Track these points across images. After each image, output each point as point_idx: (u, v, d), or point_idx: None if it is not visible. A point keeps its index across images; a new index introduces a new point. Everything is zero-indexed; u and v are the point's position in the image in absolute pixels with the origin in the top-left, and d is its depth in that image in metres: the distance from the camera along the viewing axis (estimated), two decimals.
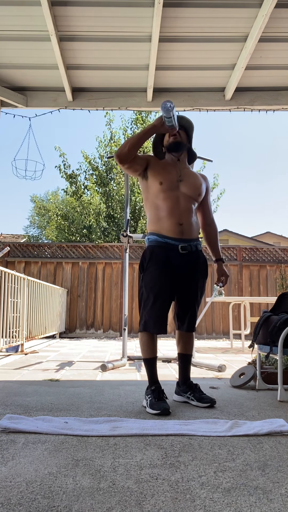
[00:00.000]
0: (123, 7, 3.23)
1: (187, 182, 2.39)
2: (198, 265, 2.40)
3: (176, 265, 2.33)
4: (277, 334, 2.60)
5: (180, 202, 2.34)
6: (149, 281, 2.30)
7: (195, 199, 2.43)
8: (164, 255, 2.31)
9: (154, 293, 2.28)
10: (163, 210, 2.33)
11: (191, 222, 2.37)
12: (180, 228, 2.32)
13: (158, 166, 2.39)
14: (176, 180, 2.37)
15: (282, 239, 24.35)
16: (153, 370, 2.34)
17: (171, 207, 2.32)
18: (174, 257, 2.32)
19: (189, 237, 2.35)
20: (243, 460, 1.48)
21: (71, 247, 9.17)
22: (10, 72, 4.12)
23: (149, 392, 2.25)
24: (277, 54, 3.83)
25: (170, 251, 2.32)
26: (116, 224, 11.95)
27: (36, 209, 26.70)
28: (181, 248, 2.32)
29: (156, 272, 2.29)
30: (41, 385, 2.93)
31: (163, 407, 2.11)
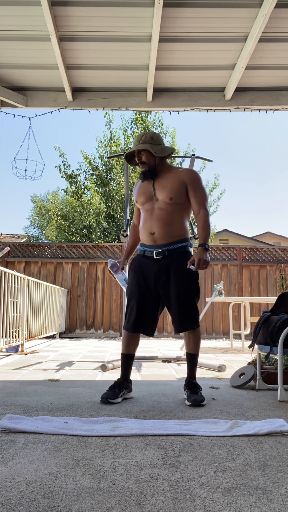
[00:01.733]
0: (123, 7, 3.23)
1: (160, 190, 2.55)
2: (174, 266, 2.49)
3: (154, 270, 2.51)
4: (277, 334, 2.60)
5: (153, 213, 2.53)
6: (128, 287, 2.62)
7: (171, 203, 2.52)
8: (141, 262, 2.57)
9: (128, 297, 2.58)
10: (142, 221, 2.61)
11: (164, 230, 2.50)
12: (152, 237, 2.53)
13: (137, 190, 2.66)
14: (151, 195, 2.57)
15: (282, 239, 24.34)
16: (124, 364, 2.60)
17: (146, 218, 2.57)
18: (151, 263, 2.53)
19: (163, 243, 2.52)
20: (243, 460, 1.48)
21: (71, 247, 9.17)
22: (10, 72, 4.12)
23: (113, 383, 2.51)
24: (277, 54, 3.83)
25: (147, 258, 2.55)
26: (116, 224, 11.95)
27: (36, 209, 26.69)
28: (156, 254, 2.52)
29: (133, 279, 2.58)
30: (41, 385, 2.93)
31: (102, 396, 2.38)
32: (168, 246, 2.50)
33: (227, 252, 9.25)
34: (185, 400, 2.41)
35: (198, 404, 2.33)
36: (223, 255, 9.22)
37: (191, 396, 2.38)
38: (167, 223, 2.50)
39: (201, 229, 2.53)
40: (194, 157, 4.92)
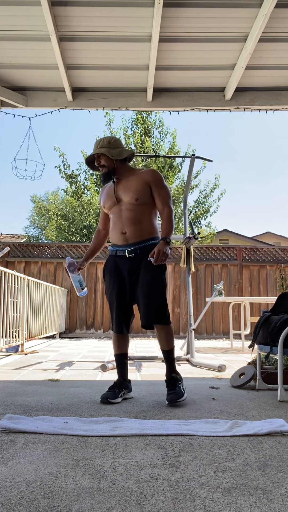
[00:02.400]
0: (123, 7, 3.23)
1: (123, 192, 2.58)
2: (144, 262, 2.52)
3: (126, 269, 2.55)
4: (277, 334, 2.60)
5: (122, 214, 2.57)
6: (106, 288, 2.68)
7: (137, 204, 2.54)
8: (113, 262, 2.62)
9: (108, 298, 2.65)
10: (112, 223, 2.65)
11: (135, 229, 2.54)
12: (123, 236, 2.56)
13: (103, 195, 2.72)
14: (114, 198, 2.60)
15: (282, 239, 24.34)
16: (118, 364, 2.62)
17: (115, 220, 2.60)
18: (123, 262, 2.57)
19: (134, 241, 2.55)
20: (243, 460, 1.48)
21: (71, 247, 9.17)
22: (10, 72, 4.12)
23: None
24: (277, 54, 3.83)
25: (120, 258, 2.59)
26: None
27: (36, 209, 26.69)
28: (128, 252, 2.56)
29: (107, 280, 2.64)
30: (41, 385, 2.93)
31: (102, 396, 2.38)
32: (139, 244, 2.53)
33: (227, 252, 9.25)
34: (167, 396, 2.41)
35: (173, 403, 2.31)
36: (223, 255, 9.22)
37: (169, 394, 2.37)
38: (137, 222, 2.54)
39: (165, 225, 2.56)
40: (194, 157, 4.92)
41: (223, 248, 9.33)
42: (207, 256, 9.20)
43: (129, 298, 2.57)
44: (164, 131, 12.50)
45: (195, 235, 4.44)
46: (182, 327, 8.76)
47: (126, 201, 2.56)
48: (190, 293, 4.89)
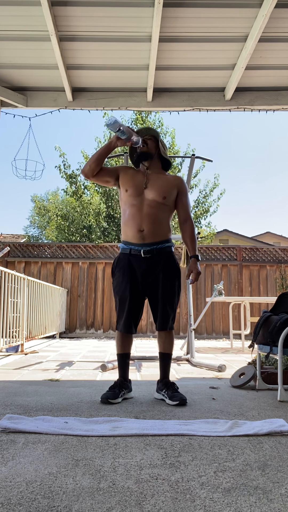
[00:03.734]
0: (123, 7, 3.23)
1: (152, 187, 2.52)
2: (162, 266, 2.50)
3: (141, 269, 2.49)
4: (277, 334, 2.60)
5: (143, 208, 2.49)
6: (115, 286, 2.57)
7: (162, 203, 2.52)
8: (127, 261, 2.51)
9: (119, 297, 2.54)
10: (128, 217, 2.53)
11: (154, 227, 2.49)
12: (141, 234, 2.48)
13: (127, 175, 2.58)
14: (142, 187, 2.51)
15: (282, 239, 24.34)
16: (121, 364, 2.59)
17: (134, 214, 2.50)
18: (138, 261, 2.49)
19: (151, 241, 2.49)
20: (243, 460, 1.48)
21: (71, 247, 9.17)
22: (10, 72, 4.12)
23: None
24: (277, 54, 3.83)
25: (134, 257, 2.50)
26: (116, 224, 11.95)
27: (36, 209, 26.66)
28: (144, 253, 2.48)
29: (120, 278, 2.53)
30: (41, 385, 2.93)
31: (102, 396, 2.37)
32: (156, 245, 2.50)
33: (227, 252, 9.25)
34: (166, 399, 2.41)
35: (184, 403, 2.34)
36: (223, 255, 9.22)
37: (176, 395, 2.38)
38: (157, 221, 2.51)
39: (191, 240, 2.59)
40: (194, 157, 4.92)
41: (223, 248, 9.33)
42: (207, 256, 9.20)
43: (141, 298, 2.55)
44: (164, 131, 12.50)
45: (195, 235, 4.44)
46: (182, 327, 8.76)
47: (151, 198, 2.50)
48: (190, 293, 4.89)
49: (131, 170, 2.65)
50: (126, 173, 2.60)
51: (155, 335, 8.70)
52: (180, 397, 2.35)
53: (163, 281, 2.49)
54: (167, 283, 2.51)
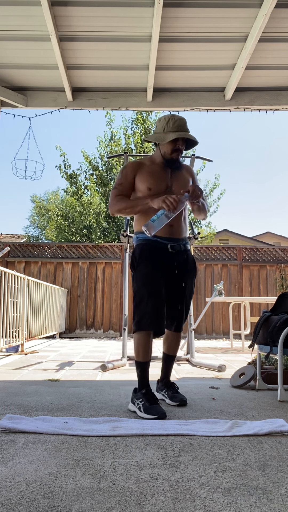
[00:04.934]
0: (123, 7, 3.23)
1: (176, 184, 2.40)
2: (187, 264, 2.43)
3: (166, 264, 2.33)
4: (277, 334, 2.60)
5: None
6: (141, 278, 2.30)
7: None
8: (154, 253, 2.32)
9: (147, 290, 2.26)
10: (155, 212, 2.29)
11: (181, 224, 2.41)
12: (170, 229, 2.35)
13: (144, 173, 2.38)
14: (165, 183, 2.38)
15: (282, 239, 24.34)
16: (146, 373, 2.29)
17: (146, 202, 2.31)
18: (164, 255, 2.34)
19: (178, 237, 2.39)
20: (243, 460, 1.48)
21: (71, 247, 9.17)
22: (10, 72, 4.12)
23: (140, 396, 2.17)
24: (277, 54, 3.83)
25: (160, 250, 2.33)
26: (116, 224, 11.95)
27: (36, 209, 26.68)
28: (171, 247, 2.34)
29: (148, 269, 2.29)
30: (41, 385, 2.93)
31: (161, 412, 2.06)
32: (181, 242, 2.39)
33: (227, 252, 9.25)
34: (166, 399, 2.41)
35: (184, 404, 2.33)
36: (223, 255, 9.22)
37: (177, 395, 2.36)
38: (183, 218, 2.43)
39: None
40: (194, 157, 4.92)
41: (223, 248, 9.33)
42: (207, 256, 9.20)
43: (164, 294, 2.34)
44: None
45: (195, 235, 4.44)
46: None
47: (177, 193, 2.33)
48: None
49: (145, 165, 2.41)
50: (141, 171, 2.38)
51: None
52: (180, 398, 2.34)
53: (186, 280, 2.41)
54: (190, 282, 2.43)
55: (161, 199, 2.18)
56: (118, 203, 2.35)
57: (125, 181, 2.39)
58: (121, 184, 2.39)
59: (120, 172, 2.43)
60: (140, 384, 2.26)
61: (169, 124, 2.33)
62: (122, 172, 2.42)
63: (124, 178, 2.39)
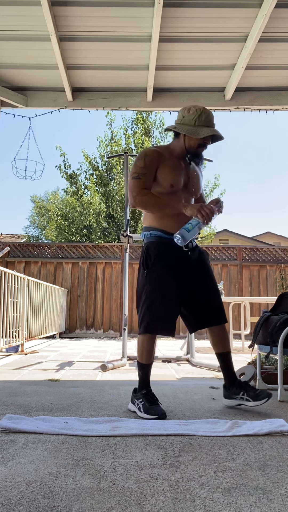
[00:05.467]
0: (123, 7, 3.23)
1: (191, 184, 2.36)
2: (203, 256, 2.36)
3: (183, 262, 2.26)
4: (277, 334, 2.60)
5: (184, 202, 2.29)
6: (155, 279, 2.20)
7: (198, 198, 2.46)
8: (170, 252, 2.23)
9: (161, 294, 2.17)
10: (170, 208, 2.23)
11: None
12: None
13: (168, 167, 2.27)
14: (184, 183, 2.31)
15: (282, 239, 24.34)
16: (147, 375, 2.27)
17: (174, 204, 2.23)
18: (179, 254, 2.25)
19: None
20: (243, 460, 1.48)
21: (71, 247, 9.17)
22: (10, 72, 4.12)
23: (140, 396, 2.15)
24: (277, 54, 3.83)
25: (175, 248, 2.23)
26: (116, 224, 11.95)
27: (36, 209, 26.69)
28: (185, 246, 2.26)
29: (163, 271, 2.21)
30: (41, 385, 2.93)
31: (160, 412, 2.04)
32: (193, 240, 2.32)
33: (227, 252, 9.25)
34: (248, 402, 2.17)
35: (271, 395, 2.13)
36: (223, 255, 9.22)
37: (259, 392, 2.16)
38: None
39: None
40: None
41: (223, 248, 9.33)
42: None
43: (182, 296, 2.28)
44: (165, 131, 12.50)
45: None
46: (182, 327, 8.75)
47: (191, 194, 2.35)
48: None
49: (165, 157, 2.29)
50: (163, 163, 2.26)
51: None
52: (266, 393, 2.13)
53: (209, 272, 2.34)
54: (212, 274, 2.37)
55: (196, 209, 2.10)
56: (146, 198, 2.20)
57: (149, 171, 2.23)
58: (144, 175, 2.23)
59: (142, 160, 2.25)
60: (141, 385, 2.24)
61: (201, 118, 2.23)
62: (145, 161, 2.24)
63: (148, 168, 2.24)
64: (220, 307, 2.34)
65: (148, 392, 2.19)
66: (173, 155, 2.32)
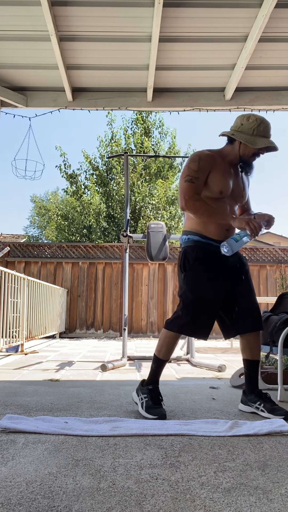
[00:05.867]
0: (123, 7, 3.23)
1: (238, 192, 2.34)
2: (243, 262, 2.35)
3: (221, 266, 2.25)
4: (277, 334, 2.60)
5: (231, 209, 2.32)
6: (192, 282, 2.22)
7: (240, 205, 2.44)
8: (208, 256, 2.23)
9: (195, 297, 2.19)
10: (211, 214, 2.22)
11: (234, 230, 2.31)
12: (226, 233, 2.26)
13: (219, 173, 2.25)
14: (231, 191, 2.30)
15: (282, 239, 24.34)
16: (159, 371, 2.27)
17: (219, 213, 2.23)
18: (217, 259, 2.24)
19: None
20: (243, 460, 1.48)
21: (71, 247, 9.17)
22: (10, 72, 4.12)
23: (146, 392, 2.17)
24: (277, 54, 3.83)
25: (213, 253, 2.23)
26: (116, 224, 11.95)
27: (36, 209, 26.71)
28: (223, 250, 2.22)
29: (200, 274, 2.22)
30: (41, 385, 2.93)
31: (161, 413, 2.05)
32: None
33: None
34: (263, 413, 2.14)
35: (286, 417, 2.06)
36: None
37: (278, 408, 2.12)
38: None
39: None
40: None
41: None
42: None
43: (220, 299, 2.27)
44: (164, 131, 12.51)
45: None
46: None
47: (236, 201, 2.34)
48: None
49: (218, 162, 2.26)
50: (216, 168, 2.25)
51: (155, 335, 8.70)
52: (285, 411, 2.09)
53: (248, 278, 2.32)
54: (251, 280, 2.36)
55: (245, 221, 2.10)
56: (197, 203, 2.18)
57: (202, 175, 2.21)
58: (197, 178, 2.20)
59: (196, 163, 2.22)
60: (150, 379, 2.25)
61: (259, 128, 2.23)
62: (199, 164, 2.21)
63: (201, 172, 2.21)
64: (258, 315, 2.29)
65: (155, 389, 2.19)
66: (225, 161, 2.30)
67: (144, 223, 11.09)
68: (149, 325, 8.80)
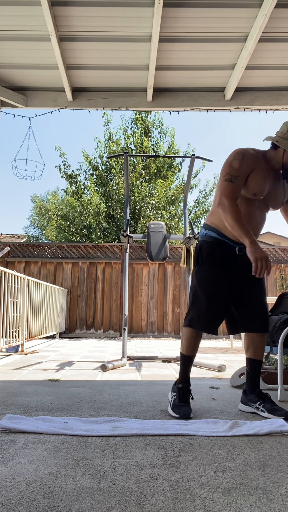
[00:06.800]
0: (123, 7, 3.23)
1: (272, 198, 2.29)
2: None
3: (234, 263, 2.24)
4: (277, 334, 2.60)
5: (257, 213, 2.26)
6: (202, 277, 2.26)
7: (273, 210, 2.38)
8: (222, 253, 2.24)
9: (205, 292, 2.22)
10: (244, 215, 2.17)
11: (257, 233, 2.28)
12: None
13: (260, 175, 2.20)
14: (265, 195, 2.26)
15: (282, 239, 24.34)
16: (187, 367, 2.29)
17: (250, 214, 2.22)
18: (230, 258, 2.24)
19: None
20: (243, 460, 1.48)
21: (71, 247, 9.17)
22: (10, 72, 4.12)
23: (176, 390, 2.22)
24: (277, 54, 3.83)
25: (227, 251, 2.23)
26: (116, 224, 11.95)
27: (36, 209, 26.71)
28: (238, 250, 2.23)
29: (211, 270, 2.24)
30: (41, 385, 2.93)
31: (184, 413, 2.06)
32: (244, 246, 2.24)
33: None
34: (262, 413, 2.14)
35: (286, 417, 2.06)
36: None
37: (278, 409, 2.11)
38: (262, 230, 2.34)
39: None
40: (194, 157, 4.92)
41: None
42: None
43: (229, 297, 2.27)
44: (164, 131, 12.51)
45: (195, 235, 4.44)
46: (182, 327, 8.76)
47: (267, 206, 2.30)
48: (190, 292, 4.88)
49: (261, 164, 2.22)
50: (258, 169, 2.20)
51: (155, 335, 8.71)
52: (285, 411, 2.08)
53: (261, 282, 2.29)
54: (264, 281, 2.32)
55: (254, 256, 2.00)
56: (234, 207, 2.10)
57: (242, 174, 2.15)
58: (237, 178, 2.14)
59: (238, 161, 2.17)
60: (179, 377, 2.31)
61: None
62: (241, 162, 2.16)
63: (243, 171, 2.15)
64: (265, 315, 2.28)
65: (183, 387, 2.22)
66: (268, 164, 2.26)
67: (144, 223, 11.09)
68: (149, 325, 8.80)
